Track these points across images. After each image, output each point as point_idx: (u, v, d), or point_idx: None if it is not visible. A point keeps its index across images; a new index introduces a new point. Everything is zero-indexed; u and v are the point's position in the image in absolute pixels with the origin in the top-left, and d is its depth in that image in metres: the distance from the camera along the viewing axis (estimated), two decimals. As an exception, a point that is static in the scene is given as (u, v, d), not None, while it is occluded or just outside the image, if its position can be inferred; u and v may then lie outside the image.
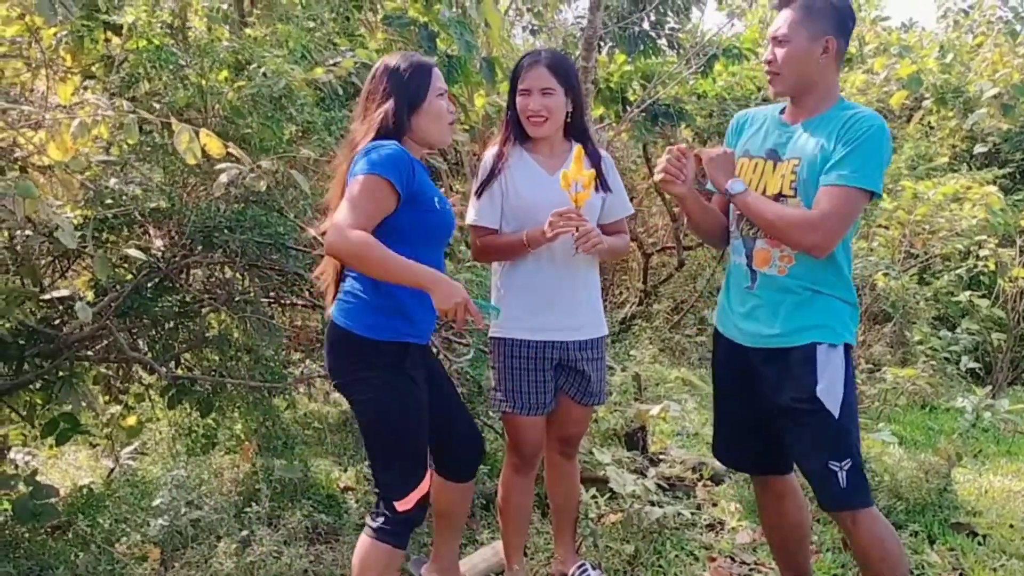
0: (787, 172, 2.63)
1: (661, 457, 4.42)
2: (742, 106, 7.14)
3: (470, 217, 3.04)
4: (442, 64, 5.01)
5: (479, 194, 3.01)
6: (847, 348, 2.67)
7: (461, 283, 2.53)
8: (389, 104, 2.59)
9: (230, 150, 3.07)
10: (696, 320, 8.56)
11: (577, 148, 2.88)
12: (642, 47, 7.69)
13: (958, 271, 5.62)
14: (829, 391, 2.58)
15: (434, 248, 2.69)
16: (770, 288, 2.70)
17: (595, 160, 3.03)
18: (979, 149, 8.97)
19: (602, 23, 5.44)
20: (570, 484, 3.27)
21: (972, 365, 4.94)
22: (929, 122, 9.01)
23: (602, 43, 7.60)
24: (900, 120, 9.31)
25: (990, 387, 5.51)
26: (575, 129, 3.05)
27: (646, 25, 7.73)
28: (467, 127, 5.36)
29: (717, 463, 4.28)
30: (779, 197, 2.64)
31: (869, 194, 2.54)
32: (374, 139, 2.56)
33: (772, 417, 2.72)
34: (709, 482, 4.13)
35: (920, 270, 5.73)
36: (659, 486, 3.88)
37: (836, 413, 2.58)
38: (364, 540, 2.69)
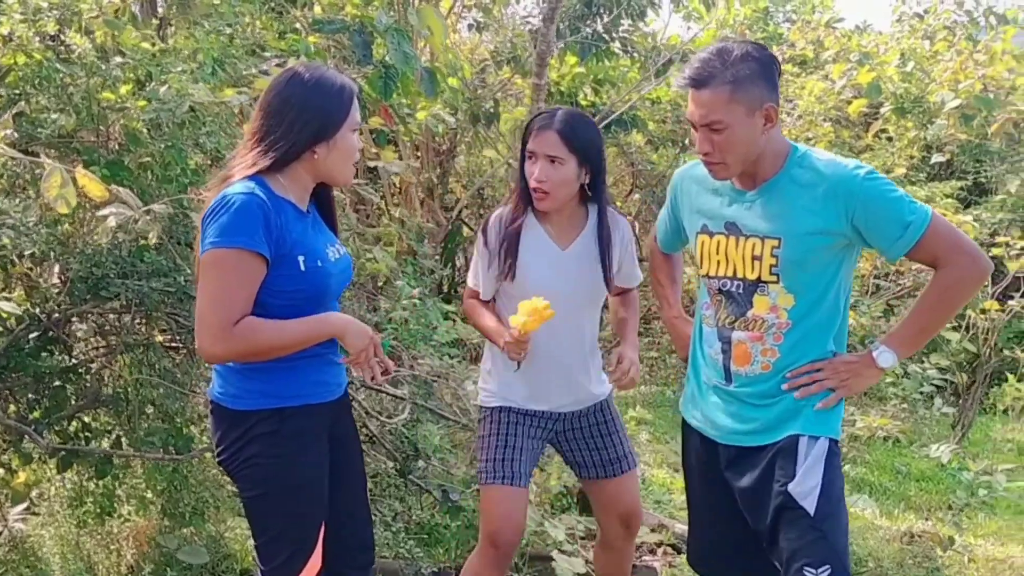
0: (763, 254, 2.23)
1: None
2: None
3: (470, 279, 2.79)
4: (378, 74, 4.53)
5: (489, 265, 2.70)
6: (832, 442, 2.30)
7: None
8: (285, 130, 2.14)
9: (115, 192, 2.58)
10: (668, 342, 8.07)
11: (534, 302, 2.45)
12: (594, 50, 7.27)
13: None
14: (803, 485, 2.22)
15: (323, 307, 2.25)
16: (750, 388, 2.31)
17: (605, 234, 2.69)
18: (937, 159, 8.69)
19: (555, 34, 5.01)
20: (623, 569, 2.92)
21: (946, 410, 4.66)
22: (887, 131, 8.71)
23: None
24: (858, 128, 9.01)
25: (960, 426, 5.24)
26: (592, 197, 2.70)
27: (599, 27, 7.31)
28: (397, 151, 4.90)
29: (677, 525, 3.92)
30: (758, 283, 2.25)
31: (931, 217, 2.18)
32: (255, 174, 2.13)
33: (746, 515, 2.36)
34: (670, 549, 3.74)
35: (887, 302, 5.44)
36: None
37: (812, 511, 2.21)
38: None
